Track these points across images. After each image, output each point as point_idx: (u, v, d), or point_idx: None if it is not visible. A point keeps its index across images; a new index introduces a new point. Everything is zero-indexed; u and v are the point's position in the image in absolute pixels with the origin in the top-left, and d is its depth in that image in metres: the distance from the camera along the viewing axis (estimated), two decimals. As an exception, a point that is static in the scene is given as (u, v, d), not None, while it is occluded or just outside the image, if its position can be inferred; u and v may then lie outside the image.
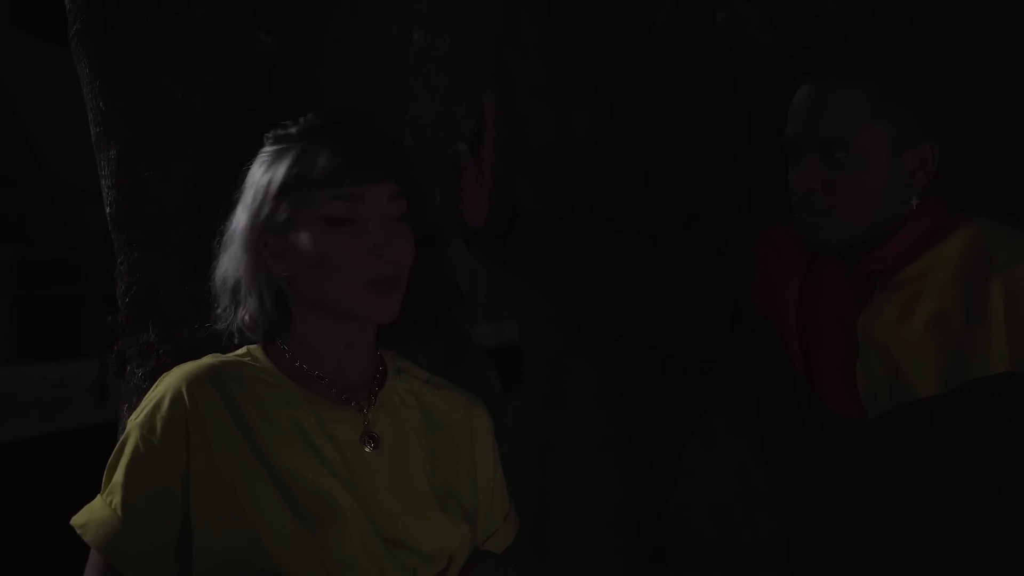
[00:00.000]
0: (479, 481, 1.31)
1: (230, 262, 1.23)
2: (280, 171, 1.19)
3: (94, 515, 1.17)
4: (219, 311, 1.25)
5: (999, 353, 1.36)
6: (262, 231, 1.20)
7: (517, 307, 3.69)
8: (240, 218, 1.22)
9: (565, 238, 1.65)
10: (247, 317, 1.23)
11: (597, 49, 3.17)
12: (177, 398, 1.15)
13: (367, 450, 1.21)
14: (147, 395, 1.19)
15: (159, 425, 1.15)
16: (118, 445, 1.18)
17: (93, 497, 1.19)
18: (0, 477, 4.33)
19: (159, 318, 1.42)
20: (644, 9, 3.11)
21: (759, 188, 3.16)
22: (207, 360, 1.21)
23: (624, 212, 3.15)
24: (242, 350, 1.25)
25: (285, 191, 1.18)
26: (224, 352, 1.25)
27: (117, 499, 1.16)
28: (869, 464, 1.44)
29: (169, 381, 1.18)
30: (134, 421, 1.17)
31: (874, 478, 1.44)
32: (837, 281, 1.51)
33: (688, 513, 3.97)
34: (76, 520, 1.18)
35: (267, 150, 1.22)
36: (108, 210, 1.45)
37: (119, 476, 1.16)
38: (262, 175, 1.20)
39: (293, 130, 1.21)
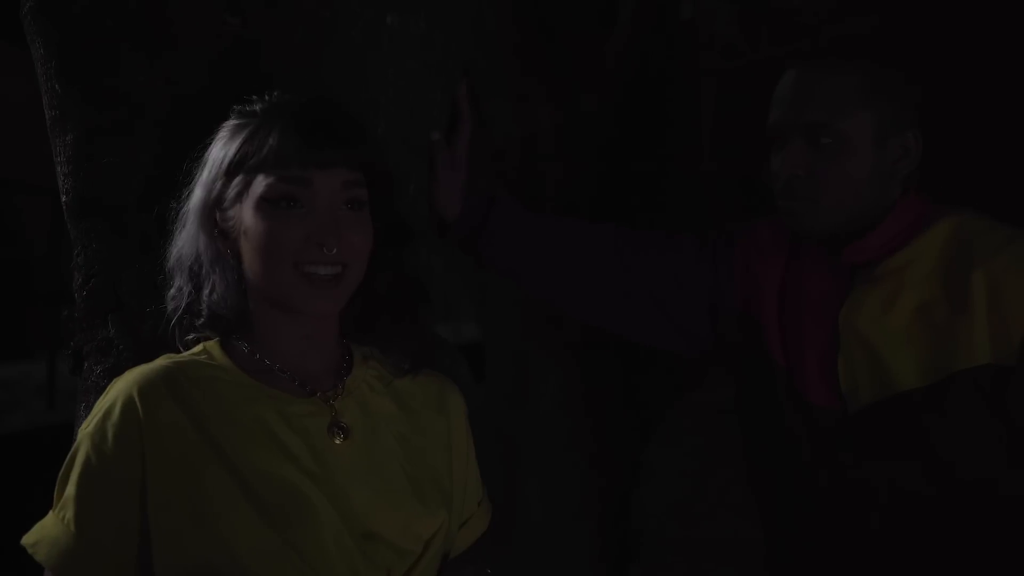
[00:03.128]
0: (454, 463, 1.26)
1: (186, 239, 1.17)
2: (233, 147, 1.14)
3: (46, 532, 1.09)
4: (172, 291, 1.18)
5: (981, 345, 1.36)
6: (213, 207, 1.15)
7: (479, 306, 3.65)
8: (196, 193, 1.16)
9: (542, 229, 1.61)
10: (215, 296, 1.16)
11: (561, 43, 3.14)
12: (129, 404, 1.08)
13: (337, 441, 1.15)
14: (97, 402, 1.12)
15: (111, 433, 1.07)
16: (69, 456, 1.10)
17: (44, 501, 1.12)
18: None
19: (119, 312, 1.34)
20: (608, 3, 3.09)
21: (723, 181, 3.16)
22: (160, 362, 1.14)
23: (588, 207, 3.12)
24: (198, 348, 1.18)
25: (236, 167, 1.13)
26: (181, 350, 1.19)
27: (70, 514, 1.08)
28: (850, 457, 1.42)
29: (120, 387, 1.11)
30: (84, 431, 1.10)
31: (855, 471, 1.43)
32: (818, 274, 1.49)
33: (649, 512, 3.96)
34: (27, 539, 1.10)
35: (227, 124, 1.17)
36: (64, 198, 1.37)
37: (71, 489, 1.08)
38: (219, 150, 1.15)
39: (256, 107, 1.16)
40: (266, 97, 1.17)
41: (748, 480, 1.60)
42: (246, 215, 1.12)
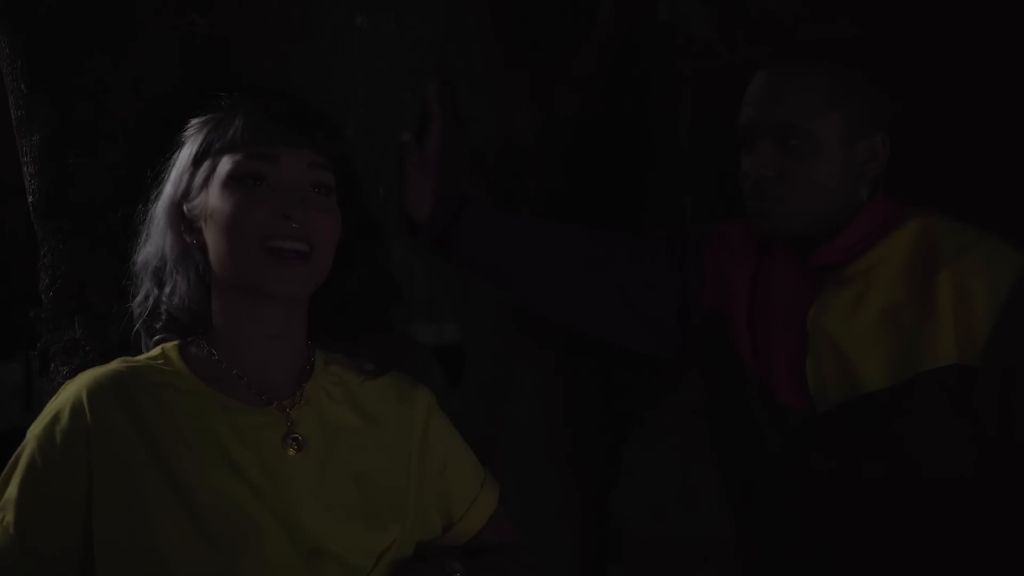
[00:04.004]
0: (417, 469, 1.23)
1: (153, 239, 1.17)
2: (200, 138, 1.14)
3: None
4: (140, 297, 1.17)
5: (946, 346, 1.37)
6: (181, 200, 1.15)
7: (458, 306, 3.65)
8: (165, 192, 1.16)
9: (513, 230, 1.62)
10: (175, 298, 1.16)
11: (539, 44, 3.14)
12: (78, 408, 1.07)
13: (291, 453, 1.13)
14: (48, 404, 1.11)
15: (58, 437, 1.06)
16: (14, 457, 1.08)
17: None
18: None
19: (85, 313, 1.34)
20: (586, 4, 3.10)
21: (701, 184, 3.17)
22: (114, 365, 1.12)
23: (567, 209, 3.13)
24: (156, 351, 1.16)
25: (202, 155, 1.13)
26: (140, 352, 1.18)
27: (10, 517, 1.06)
28: (819, 457, 1.43)
29: (71, 390, 1.10)
30: (32, 432, 1.08)
31: (823, 471, 1.43)
32: (788, 275, 1.51)
33: (629, 512, 3.96)
34: None
35: (194, 122, 1.17)
36: (31, 199, 1.37)
37: (12, 491, 1.06)
38: (186, 148, 1.16)
39: (221, 103, 1.17)
40: (232, 95, 1.18)
41: (721, 479, 1.61)
42: (212, 197, 1.12)
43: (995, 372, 1.35)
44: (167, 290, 1.16)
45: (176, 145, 1.18)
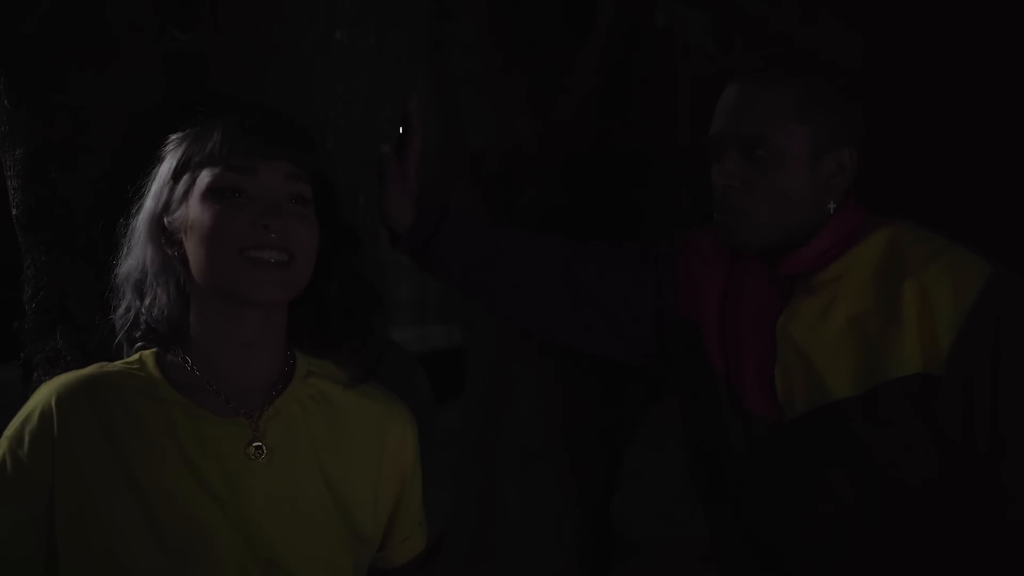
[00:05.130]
0: (381, 489, 1.25)
1: (134, 253, 1.19)
2: (179, 152, 1.17)
3: None
4: (121, 310, 1.20)
5: (911, 355, 1.37)
6: (161, 214, 1.17)
7: (462, 310, 3.67)
8: (145, 205, 1.19)
9: (491, 241, 1.64)
10: (155, 309, 1.18)
11: (537, 51, 3.16)
12: (47, 412, 1.10)
13: (253, 461, 1.14)
14: (24, 406, 1.14)
15: (27, 439, 1.09)
16: None
17: None
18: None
19: (67, 324, 1.37)
20: (584, 11, 3.11)
21: (701, 189, 3.17)
22: (89, 370, 1.16)
23: (566, 214, 3.14)
24: (134, 357, 1.19)
25: (181, 169, 1.16)
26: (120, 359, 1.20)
27: None
28: (786, 464, 1.44)
29: (43, 393, 1.13)
30: (6, 433, 1.12)
31: (790, 478, 1.44)
32: (757, 283, 1.51)
33: (632, 514, 3.97)
34: None
35: (173, 137, 1.20)
36: (14, 211, 1.40)
37: None
38: (165, 162, 1.18)
39: (199, 118, 1.20)
40: (211, 109, 1.20)
41: (691, 483, 1.62)
42: (192, 210, 1.15)
43: (958, 381, 1.35)
44: (147, 302, 1.18)
45: (156, 160, 1.21)
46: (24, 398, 1.27)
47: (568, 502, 3.35)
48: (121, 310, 1.20)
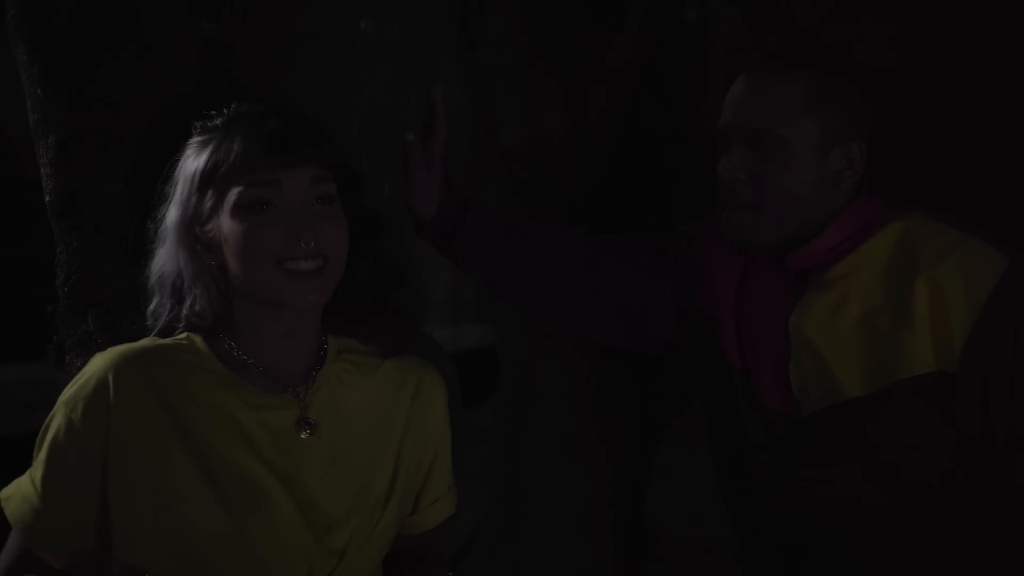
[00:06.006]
0: (417, 451, 1.30)
1: (166, 257, 1.22)
2: (201, 162, 1.19)
3: (19, 489, 1.17)
4: (152, 308, 1.23)
5: (924, 353, 1.34)
6: (191, 223, 1.20)
7: (493, 307, 3.68)
8: (172, 212, 1.21)
9: (513, 232, 1.64)
10: (197, 307, 1.21)
11: (569, 47, 3.16)
12: (102, 379, 1.14)
13: (303, 436, 1.20)
14: (79, 372, 1.18)
15: (81, 405, 1.14)
16: (47, 420, 1.17)
17: None
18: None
19: (98, 308, 1.40)
20: (616, 6, 3.10)
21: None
22: (142, 343, 1.20)
23: (597, 211, 3.14)
24: (183, 335, 1.23)
25: (206, 181, 1.18)
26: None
27: (38, 475, 1.15)
28: (802, 461, 1.43)
29: (98, 362, 1.17)
30: (61, 398, 1.16)
31: (809, 474, 1.43)
32: (772, 279, 1.50)
33: (665, 513, 3.95)
34: (2, 493, 1.18)
35: (193, 141, 1.22)
36: (47, 198, 1.43)
37: (42, 453, 1.16)
38: (189, 167, 1.20)
39: (217, 120, 1.21)
40: (224, 111, 1.22)
41: (716, 480, 1.61)
42: (224, 225, 1.18)
43: (973, 378, 1.32)
44: (187, 303, 1.22)
45: (173, 164, 1.23)
46: (56, 382, 1.31)
47: (600, 499, 3.35)
48: (152, 307, 1.24)
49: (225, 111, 1.22)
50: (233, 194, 1.16)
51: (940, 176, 1.92)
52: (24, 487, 1.17)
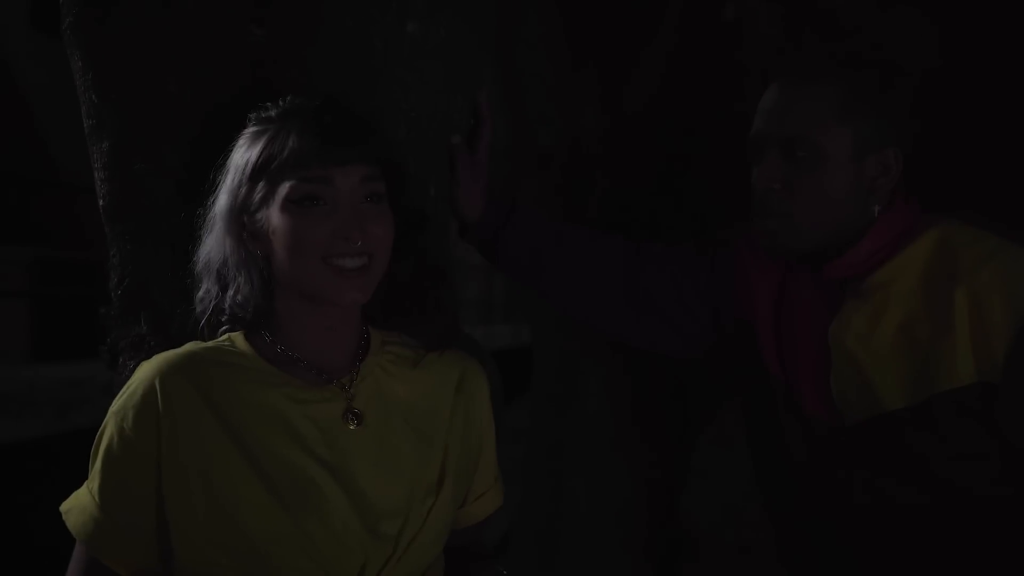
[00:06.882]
0: (463, 443, 1.30)
1: (214, 243, 1.24)
2: (254, 152, 1.20)
3: (78, 501, 1.19)
4: (200, 294, 1.25)
5: (964, 364, 1.33)
6: (240, 212, 1.21)
7: (529, 307, 3.69)
8: (221, 199, 1.23)
9: (555, 236, 1.65)
10: (239, 297, 1.23)
11: (606, 47, 3.16)
12: (149, 387, 1.16)
13: (351, 427, 1.21)
14: (127, 382, 1.20)
15: (131, 414, 1.15)
16: (99, 431, 1.19)
17: None
18: (16, 474, 4.36)
19: (150, 310, 1.42)
20: (653, 6, 3.10)
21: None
22: (185, 348, 1.22)
23: (633, 212, 3.14)
24: (223, 337, 1.25)
25: (258, 173, 1.19)
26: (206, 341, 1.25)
27: (95, 486, 1.17)
28: (844, 469, 1.42)
29: (144, 371, 1.18)
30: (111, 409, 1.18)
31: (850, 482, 1.42)
32: (810, 288, 1.48)
33: (701, 514, 3.94)
34: (63, 506, 1.20)
35: (247, 131, 1.23)
36: (101, 203, 1.45)
37: (98, 464, 1.17)
38: (241, 156, 1.22)
39: (272, 112, 1.23)
40: (280, 103, 1.24)
41: (756, 483, 1.61)
42: (274, 217, 1.19)
43: (1016, 386, 1.30)
44: (231, 290, 1.24)
45: (227, 153, 1.24)
46: (111, 384, 1.33)
47: (636, 498, 3.35)
48: (200, 293, 1.26)
49: (281, 103, 1.23)
50: (284, 188, 1.17)
51: (977, 180, 1.90)
52: (83, 499, 1.18)
